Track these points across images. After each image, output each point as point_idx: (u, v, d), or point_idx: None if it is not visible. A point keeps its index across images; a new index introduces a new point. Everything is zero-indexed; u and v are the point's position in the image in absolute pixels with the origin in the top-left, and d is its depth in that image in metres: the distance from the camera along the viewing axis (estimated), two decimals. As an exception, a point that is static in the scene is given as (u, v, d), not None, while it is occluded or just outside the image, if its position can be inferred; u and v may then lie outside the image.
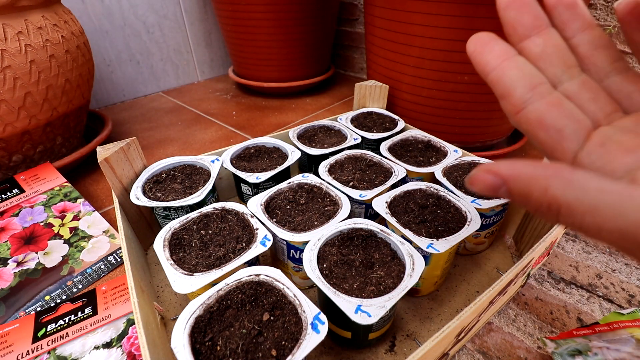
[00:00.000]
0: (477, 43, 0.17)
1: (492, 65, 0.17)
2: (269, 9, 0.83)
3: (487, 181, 0.14)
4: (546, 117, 0.15)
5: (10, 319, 0.39)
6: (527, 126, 0.16)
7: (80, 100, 0.62)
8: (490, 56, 0.17)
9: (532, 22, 0.17)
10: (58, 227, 0.48)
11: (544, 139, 0.16)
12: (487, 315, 0.36)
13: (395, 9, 0.55)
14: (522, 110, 0.16)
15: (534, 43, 0.17)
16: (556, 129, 0.15)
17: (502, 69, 0.16)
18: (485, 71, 0.17)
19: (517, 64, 0.16)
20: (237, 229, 0.36)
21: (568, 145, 0.15)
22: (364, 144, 0.59)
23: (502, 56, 0.16)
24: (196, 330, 0.25)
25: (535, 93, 0.16)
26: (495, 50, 0.17)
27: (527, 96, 0.16)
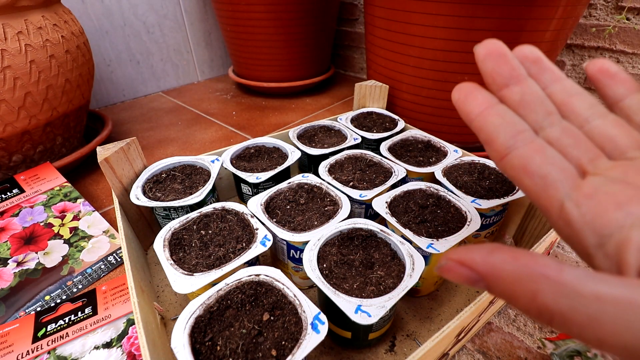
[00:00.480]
0: (461, 92, 0.18)
1: (475, 112, 0.17)
2: (269, 9, 0.83)
3: (462, 275, 0.13)
4: (530, 164, 0.15)
5: (10, 319, 0.39)
6: (512, 172, 0.16)
7: (80, 100, 0.62)
8: (473, 104, 0.17)
9: (510, 72, 0.18)
10: (58, 227, 0.48)
11: (528, 186, 0.16)
12: (487, 315, 0.36)
13: (395, 9, 0.55)
14: (506, 156, 0.16)
15: (513, 91, 0.17)
16: (540, 176, 0.15)
17: (485, 117, 0.17)
18: (469, 118, 0.17)
19: (499, 112, 0.17)
20: (237, 229, 0.36)
21: (554, 193, 0.15)
22: (364, 144, 0.59)
23: (484, 104, 0.17)
24: (196, 330, 0.25)
25: (518, 140, 0.16)
26: (478, 98, 0.17)
27: (510, 142, 0.16)
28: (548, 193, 0.15)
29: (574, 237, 0.14)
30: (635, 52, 0.68)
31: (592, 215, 0.14)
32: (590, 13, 0.71)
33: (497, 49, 0.18)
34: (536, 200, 0.16)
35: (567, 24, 0.52)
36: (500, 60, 0.18)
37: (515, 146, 0.16)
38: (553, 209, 0.15)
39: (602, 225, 0.13)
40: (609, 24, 0.69)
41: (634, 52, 0.68)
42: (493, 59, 0.18)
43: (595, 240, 0.13)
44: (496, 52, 0.18)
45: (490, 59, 0.18)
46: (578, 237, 0.14)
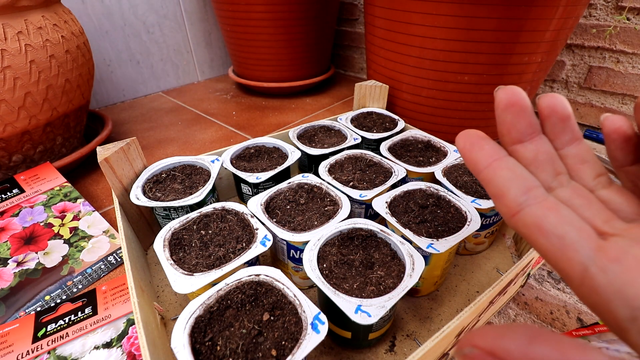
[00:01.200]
0: (467, 140, 0.17)
1: (483, 163, 0.16)
2: (269, 9, 0.83)
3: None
4: (544, 222, 0.15)
5: (10, 319, 0.39)
6: (525, 230, 0.15)
7: (80, 100, 0.62)
8: (480, 154, 0.17)
9: (526, 128, 0.17)
10: (58, 227, 0.48)
11: (544, 246, 0.15)
12: (487, 315, 0.36)
13: (395, 9, 0.55)
14: (518, 213, 0.15)
15: (526, 148, 0.17)
16: (557, 236, 0.14)
17: (494, 169, 0.16)
18: (477, 169, 0.17)
19: (509, 165, 0.16)
20: (237, 229, 0.36)
21: (574, 255, 0.14)
22: (364, 144, 0.59)
23: (493, 155, 0.16)
24: (196, 330, 0.25)
25: (530, 196, 0.15)
26: (486, 149, 0.17)
27: (521, 199, 0.15)
28: (567, 255, 0.14)
29: (602, 307, 0.13)
30: (635, 52, 0.68)
31: (622, 282, 0.12)
32: (590, 13, 0.71)
33: (520, 102, 0.17)
34: (554, 263, 0.14)
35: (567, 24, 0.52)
36: (521, 115, 0.17)
37: (527, 203, 0.15)
38: (574, 274, 0.14)
39: (635, 295, 0.12)
40: (609, 24, 0.69)
41: (634, 52, 0.68)
42: (514, 113, 0.17)
43: (627, 313, 0.12)
44: (518, 105, 0.17)
45: (511, 111, 0.17)
46: (607, 307, 0.13)
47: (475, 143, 0.17)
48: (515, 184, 0.16)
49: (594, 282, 0.13)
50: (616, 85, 0.73)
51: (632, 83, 0.70)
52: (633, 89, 0.71)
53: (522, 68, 0.54)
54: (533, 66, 0.55)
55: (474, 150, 0.17)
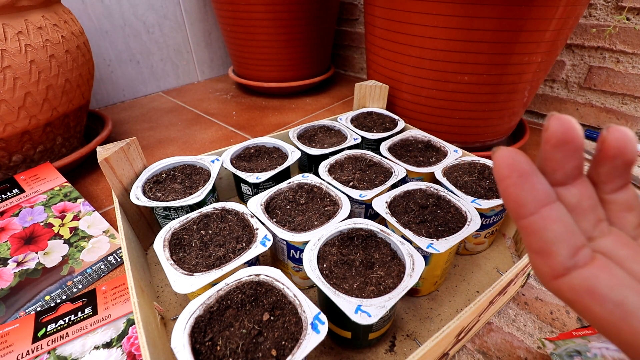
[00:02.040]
0: (513, 169, 0.13)
1: (531, 209, 0.14)
2: (269, 9, 0.83)
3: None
4: (597, 286, 0.13)
5: (10, 319, 0.39)
6: (572, 295, 0.13)
7: (80, 100, 0.62)
8: (530, 196, 0.13)
9: (574, 170, 0.15)
10: (58, 227, 0.48)
11: (599, 314, 0.13)
12: (487, 315, 0.36)
13: (395, 9, 0.55)
14: (564, 276, 0.13)
15: (570, 192, 0.15)
16: (615, 302, 0.12)
17: (544, 220, 0.13)
18: (520, 212, 0.14)
19: (560, 216, 0.14)
20: (237, 229, 0.36)
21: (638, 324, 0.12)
22: (364, 144, 0.59)
23: (544, 200, 0.14)
24: (196, 330, 0.25)
25: (579, 258, 0.13)
26: (537, 189, 0.14)
27: (570, 262, 0.13)
28: (632, 325, 0.12)
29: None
30: (635, 52, 0.68)
31: None
32: (590, 13, 0.71)
33: (575, 140, 0.14)
34: (613, 333, 0.13)
35: (567, 24, 0.52)
36: (573, 156, 0.14)
37: (575, 266, 0.13)
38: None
39: None
40: (609, 24, 0.69)
41: (634, 52, 0.68)
42: (566, 152, 0.14)
43: None
44: (573, 144, 0.14)
45: (564, 150, 0.14)
46: None
47: (527, 177, 0.13)
48: (566, 242, 0.13)
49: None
50: (616, 85, 0.73)
51: (632, 83, 0.70)
52: (633, 89, 0.71)
53: (522, 68, 0.54)
54: (533, 66, 0.55)
55: (524, 187, 0.13)
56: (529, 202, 0.14)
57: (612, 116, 0.76)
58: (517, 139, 0.70)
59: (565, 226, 0.14)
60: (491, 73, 0.54)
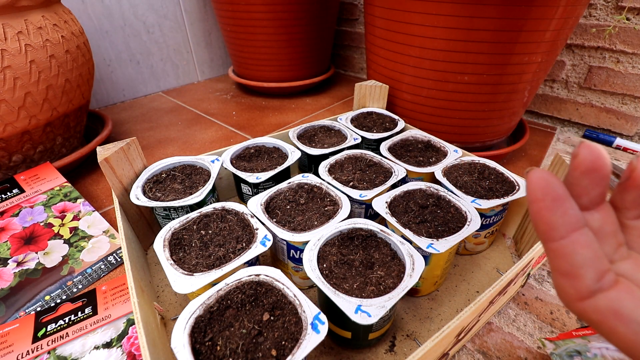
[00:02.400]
0: (548, 194, 0.14)
1: (561, 233, 0.14)
2: (269, 9, 0.83)
3: None
4: (622, 308, 0.13)
5: (10, 319, 0.39)
6: (598, 317, 0.14)
7: (80, 100, 0.62)
8: (561, 220, 0.14)
9: (598, 197, 0.15)
10: (58, 227, 0.48)
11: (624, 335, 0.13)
12: (487, 315, 0.36)
13: (395, 9, 0.55)
14: (589, 299, 0.14)
15: (593, 217, 0.15)
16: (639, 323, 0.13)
17: (574, 244, 0.14)
18: (550, 236, 0.14)
19: (588, 241, 0.14)
20: (237, 229, 0.36)
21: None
22: (364, 144, 0.59)
23: (574, 224, 0.14)
24: (196, 330, 0.25)
25: (604, 282, 0.14)
26: (570, 214, 0.14)
27: (595, 285, 0.14)
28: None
29: None
30: (635, 52, 0.68)
31: None
32: (590, 13, 0.71)
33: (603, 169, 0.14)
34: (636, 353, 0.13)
35: (567, 24, 0.52)
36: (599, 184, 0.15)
37: (600, 289, 0.14)
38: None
39: None
40: (609, 24, 0.69)
41: (634, 52, 0.68)
42: (593, 180, 0.14)
43: None
44: (601, 172, 0.14)
45: (591, 177, 0.14)
46: None
47: (561, 202, 0.14)
48: (593, 267, 0.14)
49: None
50: (616, 85, 0.73)
51: (632, 83, 0.70)
52: (633, 89, 0.71)
53: (522, 68, 0.54)
54: (533, 66, 0.55)
55: (557, 211, 0.14)
56: (560, 226, 0.14)
57: (612, 116, 0.76)
58: (517, 139, 0.70)
59: (593, 251, 0.14)
60: (491, 73, 0.54)
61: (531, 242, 0.43)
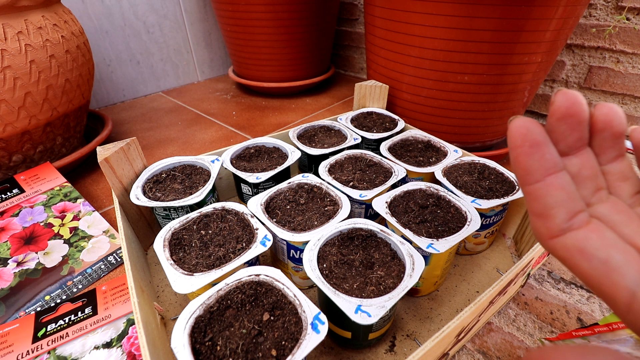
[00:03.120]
0: (527, 140, 0.14)
1: (537, 176, 0.15)
2: (269, 9, 0.83)
3: None
4: (587, 246, 0.14)
5: (10, 319, 0.39)
6: (564, 253, 0.15)
7: (80, 100, 0.62)
8: (538, 164, 0.14)
9: (577, 142, 0.16)
10: (58, 227, 0.48)
11: (586, 270, 0.14)
12: (487, 315, 0.36)
13: (395, 9, 0.55)
14: (559, 237, 0.15)
15: (571, 162, 0.16)
16: (600, 260, 0.14)
17: (548, 187, 0.15)
18: (526, 179, 0.15)
19: (563, 184, 0.15)
20: (237, 229, 0.36)
21: (619, 279, 0.13)
22: (364, 144, 0.59)
23: (550, 169, 0.14)
24: (196, 330, 0.25)
25: (575, 221, 0.15)
26: (547, 158, 0.14)
27: (566, 224, 0.14)
28: (612, 280, 0.13)
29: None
30: (635, 52, 0.68)
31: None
32: (590, 13, 0.71)
33: (579, 114, 0.15)
34: (597, 288, 0.14)
35: (567, 24, 0.52)
36: (576, 128, 0.15)
37: (570, 227, 0.14)
38: (621, 299, 0.13)
39: None
40: (609, 24, 0.69)
41: (634, 52, 0.68)
42: (570, 125, 0.15)
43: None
44: (577, 117, 0.15)
45: (567, 122, 0.15)
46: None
47: (538, 146, 0.14)
48: (565, 207, 0.15)
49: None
50: (616, 85, 0.73)
51: (632, 83, 0.70)
52: (633, 89, 0.71)
53: (522, 68, 0.54)
54: (533, 66, 0.55)
55: (534, 156, 0.14)
56: (535, 170, 0.15)
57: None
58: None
59: (566, 193, 0.15)
60: (491, 73, 0.54)
61: (531, 242, 0.43)
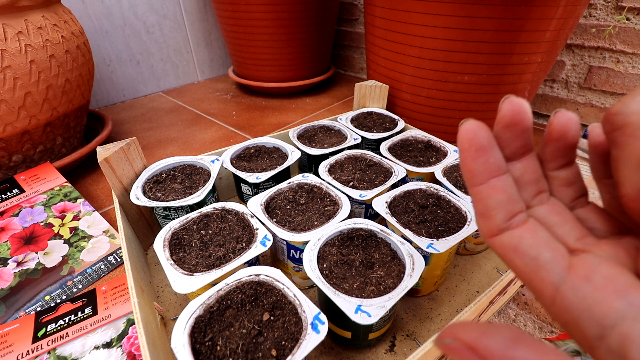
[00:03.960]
0: (473, 144, 0.15)
1: (481, 179, 0.15)
2: (269, 9, 0.83)
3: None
4: (521, 244, 0.15)
5: (10, 319, 0.39)
6: (501, 250, 0.16)
7: (80, 100, 0.62)
8: (482, 167, 0.15)
9: (520, 149, 0.16)
10: (58, 227, 0.48)
11: (519, 266, 0.15)
12: (487, 315, 0.36)
13: (395, 9, 0.55)
14: (498, 235, 0.16)
15: (514, 167, 0.17)
16: (531, 257, 0.15)
17: (490, 189, 0.15)
18: (471, 181, 0.16)
19: (505, 186, 0.15)
20: (237, 229, 0.36)
21: (546, 275, 0.14)
22: (364, 144, 0.59)
23: (494, 172, 0.15)
24: (196, 330, 0.25)
25: (513, 222, 0.15)
26: (490, 162, 0.15)
27: (504, 225, 0.15)
28: (540, 275, 0.14)
29: (573, 325, 0.13)
30: (635, 52, 0.68)
31: (591, 301, 0.13)
32: (590, 13, 0.71)
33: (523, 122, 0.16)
34: (528, 283, 0.15)
35: (567, 24, 0.52)
36: (520, 136, 0.16)
37: (508, 227, 0.15)
38: (546, 293, 0.14)
39: (603, 314, 0.12)
40: (609, 24, 0.69)
41: (634, 52, 0.68)
42: (514, 133, 0.16)
43: (596, 331, 0.12)
44: (521, 125, 0.16)
45: (511, 131, 0.16)
46: (577, 325, 0.13)
47: (481, 152, 0.15)
48: (504, 208, 0.15)
49: (565, 301, 0.13)
50: (616, 85, 0.73)
51: (632, 83, 0.70)
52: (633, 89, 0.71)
53: (522, 68, 0.54)
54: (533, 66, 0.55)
55: (479, 159, 0.15)
56: (480, 173, 0.15)
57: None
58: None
59: (507, 195, 0.16)
60: (491, 73, 0.54)
61: (531, 242, 0.43)
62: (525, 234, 0.15)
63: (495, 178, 0.15)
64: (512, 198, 0.16)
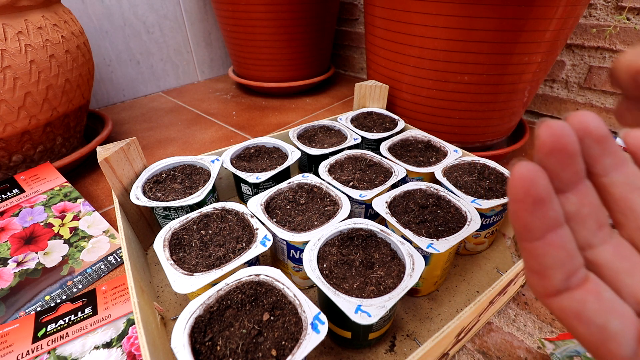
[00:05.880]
0: (530, 195, 0.13)
1: (537, 234, 0.13)
2: (269, 9, 0.83)
3: None
4: (584, 310, 0.13)
5: (10, 319, 0.39)
6: (561, 314, 0.14)
7: (80, 100, 0.62)
8: (540, 222, 0.13)
9: (572, 177, 0.14)
10: (58, 227, 0.48)
11: (583, 335, 0.14)
12: (487, 315, 0.36)
13: (395, 9, 0.55)
14: (556, 296, 0.14)
15: (569, 201, 0.14)
16: (597, 326, 0.13)
17: (547, 246, 0.14)
18: (525, 236, 0.14)
19: (563, 242, 0.14)
20: (237, 229, 0.36)
21: (616, 348, 0.13)
22: (364, 144, 0.59)
23: (551, 226, 0.13)
24: (196, 330, 0.25)
25: (572, 281, 0.14)
26: (549, 215, 0.13)
27: (562, 285, 0.14)
28: (608, 347, 0.13)
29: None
30: (635, 52, 0.68)
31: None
32: (590, 13, 0.71)
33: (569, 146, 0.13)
34: (594, 352, 0.14)
35: (567, 24, 0.52)
36: (568, 162, 0.14)
37: (567, 287, 0.14)
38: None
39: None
40: (609, 24, 0.69)
41: (634, 52, 0.68)
42: (560, 159, 0.14)
43: None
44: (567, 150, 0.13)
45: (557, 157, 0.13)
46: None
47: (540, 204, 0.13)
48: (563, 267, 0.14)
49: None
50: (616, 85, 0.73)
51: (632, 83, 0.70)
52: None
53: (522, 68, 0.54)
54: (533, 66, 0.55)
55: (536, 213, 0.13)
56: (536, 228, 0.13)
57: (612, 116, 0.76)
58: (517, 139, 0.70)
59: (565, 252, 0.14)
60: (491, 73, 0.54)
61: (531, 242, 0.43)
62: (588, 297, 0.14)
63: (552, 232, 0.13)
64: (571, 254, 0.14)
